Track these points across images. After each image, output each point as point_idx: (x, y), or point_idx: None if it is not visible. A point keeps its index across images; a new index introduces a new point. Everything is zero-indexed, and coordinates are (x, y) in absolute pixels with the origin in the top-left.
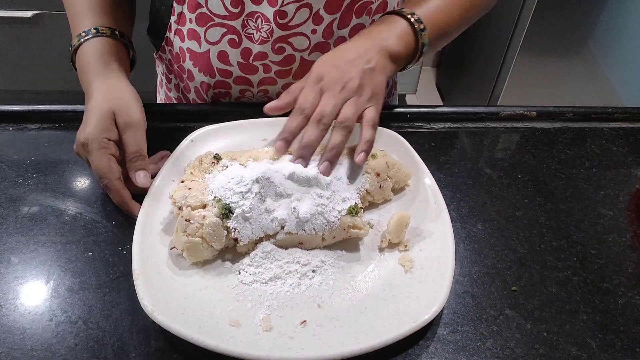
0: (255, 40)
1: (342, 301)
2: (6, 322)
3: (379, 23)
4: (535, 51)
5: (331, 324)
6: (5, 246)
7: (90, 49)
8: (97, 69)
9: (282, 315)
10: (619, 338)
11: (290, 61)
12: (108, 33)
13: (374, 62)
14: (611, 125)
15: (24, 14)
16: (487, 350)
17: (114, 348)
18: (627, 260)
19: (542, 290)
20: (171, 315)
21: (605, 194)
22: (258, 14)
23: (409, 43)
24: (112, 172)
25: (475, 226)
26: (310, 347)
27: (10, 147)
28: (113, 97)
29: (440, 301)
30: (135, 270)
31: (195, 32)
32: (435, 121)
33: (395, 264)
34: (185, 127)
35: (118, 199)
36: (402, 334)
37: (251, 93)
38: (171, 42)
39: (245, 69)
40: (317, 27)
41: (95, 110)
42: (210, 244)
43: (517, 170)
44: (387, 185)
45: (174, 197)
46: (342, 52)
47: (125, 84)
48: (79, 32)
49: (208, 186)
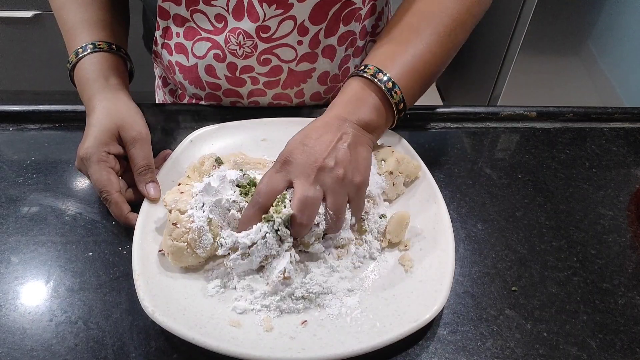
0: (239, 55)
1: (343, 300)
2: (6, 322)
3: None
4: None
5: (332, 324)
6: (5, 246)
7: (88, 65)
8: (97, 85)
9: (283, 316)
10: (619, 338)
11: (277, 72)
12: (105, 48)
13: (349, 136)
14: (611, 125)
15: (24, 14)
16: (487, 350)
17: (114, 348)
18: (627, 260)
19: (542, 290)
20: (172, 316)
21: (605, 194)
22: (239, 30)
23: (382, 112)
24: (112, 185)
25: (475, 226)
26: (312, 347)
27: (10, 147)
28: (116, 113)
29: (440, 300)
30: (136, 272)
31: (183, 46)
32: (435, 121)
33: (395, 263)
34: (185, 127)
35: (117, 211)
36: (403, 333)
37: (242, 104)
38: (160, 55)
39: (233, 82)
40: (303, 39)
41: (97, 125)
42: (195, 250)
43: (517, 170)
44: (399, 182)
45: (166, 199)
46: (310, 131)
47: (127, 98)
48: (75, 48)
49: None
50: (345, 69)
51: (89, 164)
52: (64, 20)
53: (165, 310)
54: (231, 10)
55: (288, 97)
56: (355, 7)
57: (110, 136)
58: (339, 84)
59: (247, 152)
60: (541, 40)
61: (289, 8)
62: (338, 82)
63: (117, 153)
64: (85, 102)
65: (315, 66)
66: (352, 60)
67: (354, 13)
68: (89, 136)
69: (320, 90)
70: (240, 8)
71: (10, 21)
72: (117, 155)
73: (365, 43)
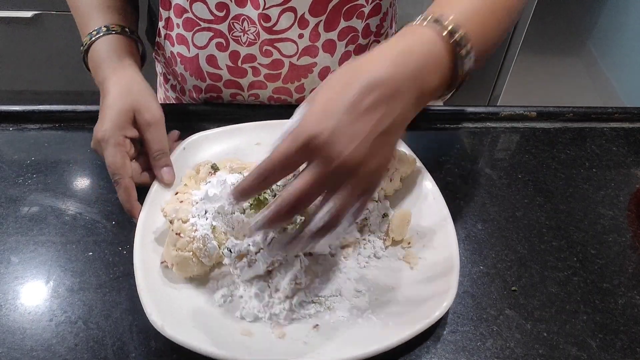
0: (243, 42)
1: (352, 302)
2: (6, 322)
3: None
4: (535, 51)
5: (344, 326)
6: (5, 246)
7: (102, 46)
8: (112, 65)
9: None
10: (619, 338)
11: (279, 66)
12: (119, 30)
13: (393, 115)
14: (611, 125)
15: (24, 14)
16: (487, 350)
17: (114, 348)
18: (627, 260)
19: (542, 290)
20: (182, 330)
21: (605, 194)
22: (243, 17)
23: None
24: (125, 170)
25: (475, 226)
26: (327, 350)
27: (10, 147)
28: (131, 94)
29: (450, 296)
30: (140, 286)
31: (184, 37)
32: (435, 121)
33: (400, 261)
34: (185, 127)
35: (125, 196)
36: (417, 330)
37: (242, 97)
38: (162, 47)
39: (235, 72)
40: (303, 32)
41: (113, 107)
42: (200, 259)
43: (517, 170)
44: (396, 177)
45: (165, 209)
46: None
47: (141, 79)
48: (89, 32)
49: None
50: None
51: (105, 145)
52: (77, 6)
53: (175, 325)
54: None
55: (288, 91)
56: (357, 3)
57: (126, 119)
58: None
59: (241, 156)
60: (541, 40)
61: None
62: None
63: (133, 136)
64: (99, 83)
65: (316, 61)
66: (353, 57)
67: (355, 9)
68: (105, 117)
69: None
70: None
71: (10, 21)
72: (133, 138)
73: (368, 42)
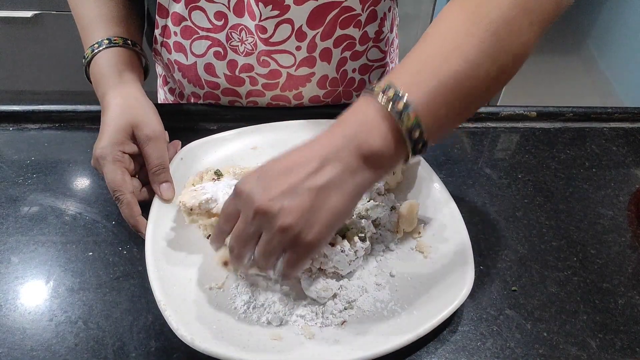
0: (241, 52)
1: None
2: (6, 322)
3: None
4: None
5: (371, 320)
6: (5, 246)
7: (103, 60)
8: (112, 80)
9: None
10: (619, 338)
11: (276, 75)
12: (120, 43)
13: (332, 173)
14: (611, 125)
15: (24, 14)
16: (487, 350)
17: (114, 348)
18: (627, 260)
19: (542, 290)
20: (212, 341)
21: (605, 194)
22: (241, 27)
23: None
24: (126, 186)
25: (475, 226)
26: (359, 345)
27: (10, 147)
28: (130, 110)
29: (469, 280)
30: (161, 302)
31: (181, 44)
32: None
33: (413, 252)
34: (185, 127)
35: (128, 212)
36: (442, 317)
37: (240, 104)
38: (159, 53)
39: (232, 81)
40: (301, 44)
41: (111, 124)
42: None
43: (517, 170)
44: (397, 170)
45: (183, 200)
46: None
47: (141, 94)
48: (91, 44)
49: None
50: (343, 72)
51: (104, 162)
52: (81, 16)
53: (204, 336)
54: (232, 7)
55: (287, 98)
56: (354, 13)
57: (125, 135)
58: (338, 88)
59: (239, 162)
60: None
61: (285, 10)
62: (337, 86)
63: (132, 152)
64: (99, 98)
65: (314, 70)
66: (349, 62)
67: (352, 19)
68: (104, 135)
69: (319, 94)
70: (240, 5)
71: (10, 21)
72: (132, 154)
73: (366, 48)
